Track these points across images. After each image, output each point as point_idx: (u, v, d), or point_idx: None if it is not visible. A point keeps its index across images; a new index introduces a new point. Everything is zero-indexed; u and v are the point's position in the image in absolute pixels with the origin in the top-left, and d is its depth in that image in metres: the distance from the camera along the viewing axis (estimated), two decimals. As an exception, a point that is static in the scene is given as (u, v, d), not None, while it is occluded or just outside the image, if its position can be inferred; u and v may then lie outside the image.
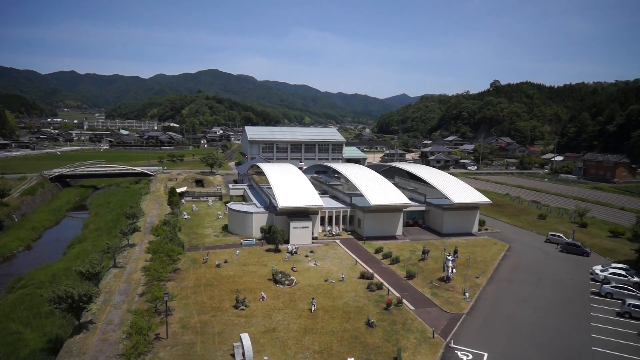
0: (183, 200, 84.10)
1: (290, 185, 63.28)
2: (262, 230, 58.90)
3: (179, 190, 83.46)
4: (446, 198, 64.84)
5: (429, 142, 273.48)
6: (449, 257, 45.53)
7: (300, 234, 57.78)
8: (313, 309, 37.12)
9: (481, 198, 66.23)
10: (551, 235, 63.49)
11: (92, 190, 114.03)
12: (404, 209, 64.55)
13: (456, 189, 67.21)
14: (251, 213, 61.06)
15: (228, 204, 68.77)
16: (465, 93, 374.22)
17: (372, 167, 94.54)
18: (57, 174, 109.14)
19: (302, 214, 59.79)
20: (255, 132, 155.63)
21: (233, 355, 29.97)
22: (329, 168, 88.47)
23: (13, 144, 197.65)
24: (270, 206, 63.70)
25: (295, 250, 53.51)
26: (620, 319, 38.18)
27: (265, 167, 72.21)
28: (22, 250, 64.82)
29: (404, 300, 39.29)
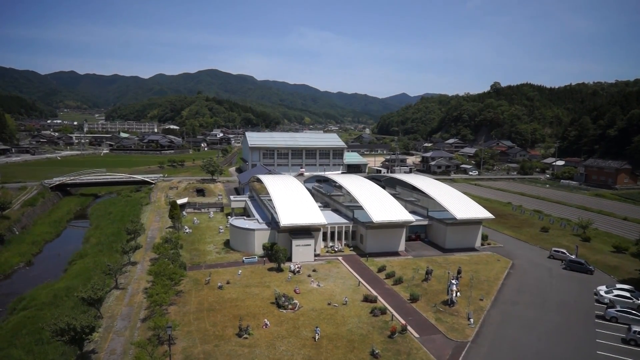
0: (184, 212, 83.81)
1: (292, 201, 62.93)
2: (265, 247, 58.63)
3: (180, 201, 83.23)
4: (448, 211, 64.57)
5: (430, 144, 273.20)
6: (453, 281, 45.25)
7: (302, 252, 57.49)
8: (317, 338, 36.86)
9: (484, 213, 65.94)
10: (554, 251, 63.15)
11: (92, 199, 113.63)
12: (407, 225, 64.32)
13: (459, 204, 66.86)
14: (253, 230, 60.76)
15: (230, 219, 68.44)
16: (465, 95, 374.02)
17: (373, 178, 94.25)
18: (57, 182, 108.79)
19: (305, 231, 59.52)
20: (256, 138, 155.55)
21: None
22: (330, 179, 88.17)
23: (13, 149, 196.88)
24: (272, 222, 63.36)
25: (297, 269, 53.17)
26: (626, 347, 37.88)
27: (267, 180, 71.67)
28: (23, 267, 64.42)
29: (408, 327, 39.04)
